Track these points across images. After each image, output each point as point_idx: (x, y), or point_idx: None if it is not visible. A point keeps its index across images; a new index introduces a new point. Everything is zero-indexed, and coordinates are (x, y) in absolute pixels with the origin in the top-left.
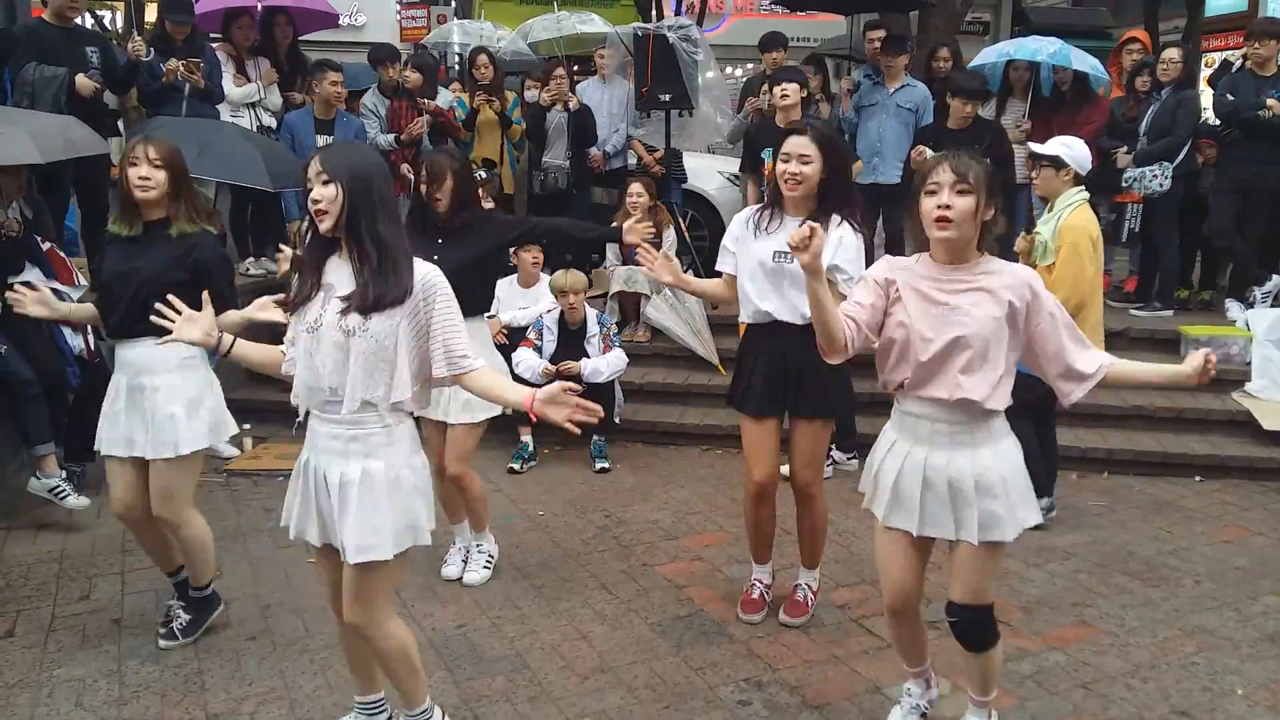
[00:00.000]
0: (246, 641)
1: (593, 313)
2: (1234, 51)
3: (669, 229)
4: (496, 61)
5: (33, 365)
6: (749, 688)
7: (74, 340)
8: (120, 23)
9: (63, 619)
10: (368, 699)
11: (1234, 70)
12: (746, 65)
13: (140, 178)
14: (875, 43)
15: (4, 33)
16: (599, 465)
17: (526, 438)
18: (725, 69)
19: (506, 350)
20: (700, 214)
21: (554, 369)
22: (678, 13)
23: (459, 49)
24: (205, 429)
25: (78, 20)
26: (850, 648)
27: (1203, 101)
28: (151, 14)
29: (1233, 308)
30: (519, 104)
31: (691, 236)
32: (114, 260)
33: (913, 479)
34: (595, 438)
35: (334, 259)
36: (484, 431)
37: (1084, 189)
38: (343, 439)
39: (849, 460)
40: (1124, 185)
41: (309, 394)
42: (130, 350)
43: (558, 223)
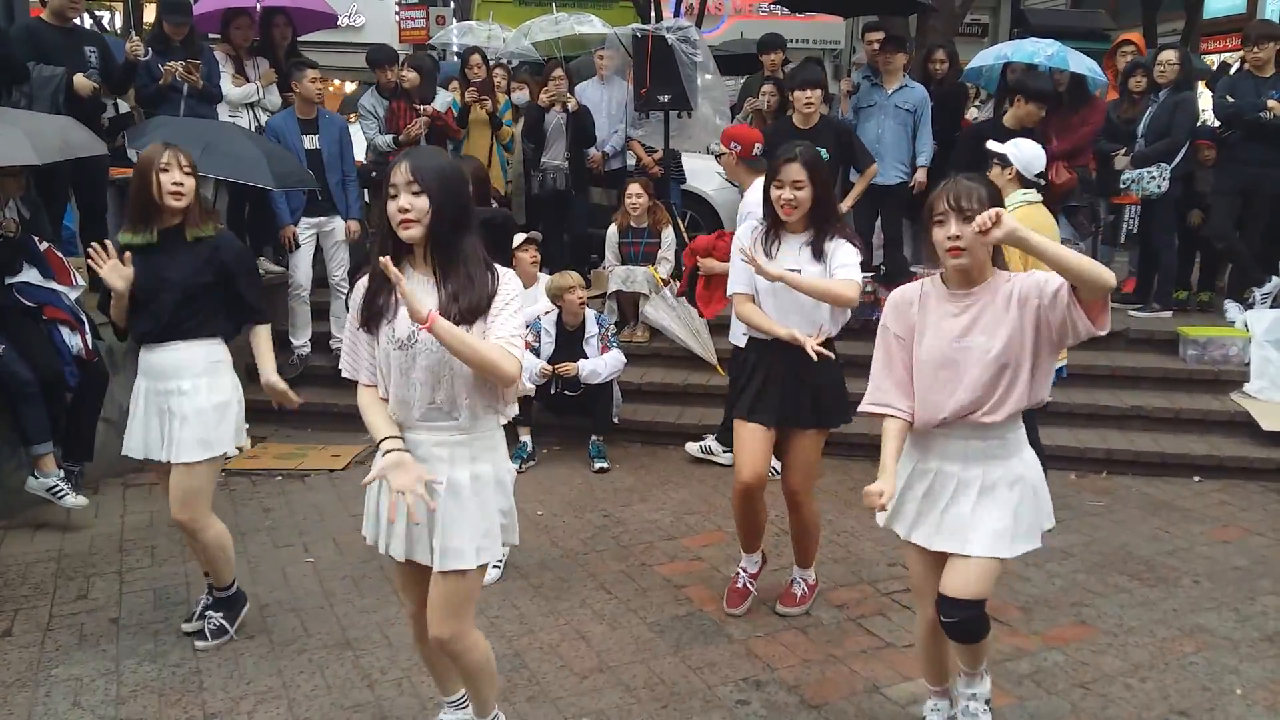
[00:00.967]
0: (244, 641)
1: (591, 313)
2: (1232, 54)
3: (668, 229)
4: (489, 61)
5: (31, 365)
6: (747, 687)
7: (72, 340)
8: (119, 23)
9: (60, 618)
10: (454, 697)
11: (1233, 72)
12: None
13: (174, 184)
14: (874, 44)
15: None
16: (597, 465)
17: (525, 438)
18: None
19: None
20: (699, 214)
21: (551, 369)
22: (676, 14)
23: (458, 49)
24: (230, 432)
25: (76, 20)
26: (848, 647)
27: (1201, 103)
28: (150, 14)
29: (1231, 309)
30: (510, 106)
31: (690, 237)
32: (140, 272)
33: (941, 494)
34: (594, 438)
35: (406, 269)
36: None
37: (1034, 191)
38: (448, 445)
39: (724, 454)
40: (1122, 187)
41: (404, 409)
42: (158, 355)
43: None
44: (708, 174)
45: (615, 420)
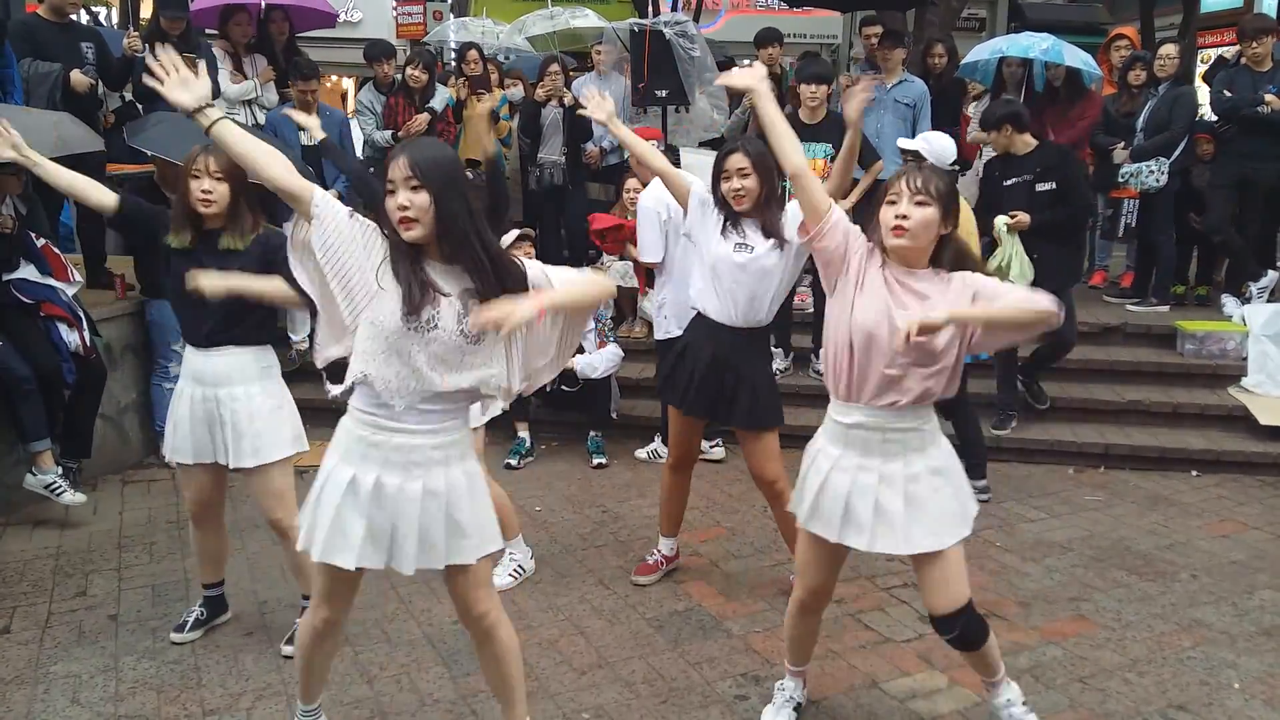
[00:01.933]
0: (243, 637)
1: None
2: (1229, 48)
3: None
4: (486, 57)
5: (29, 361)
6: (746, 682)
7: (70, 337)
8: (115, 18)
9: (59, 615)
10: (312, 705)
11: (1230, 65)
12: (743, 62)
13: (203, 191)
14: (872, 39)
15: None
16: (596, 461)
17: (523, 433)
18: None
19: None
20: None
21: None
22: (674, 9)
23: (455, 45)
24: (289, 435)
25: (73, 16)
26: (846, 642)
27: (1199, 97)
28: (146, 9)
29: (1229, 303)
30: (507, 101)
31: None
32: (177, 275)
33: (862, 495)
34: (592, 433)
35: (426, 261)
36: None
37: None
38: (443, 447)
39: (712, 449)
40: (1120, 181)
41: (407, 393)
42: (211, 360)
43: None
44: (705, 169)
45: (614, 415)
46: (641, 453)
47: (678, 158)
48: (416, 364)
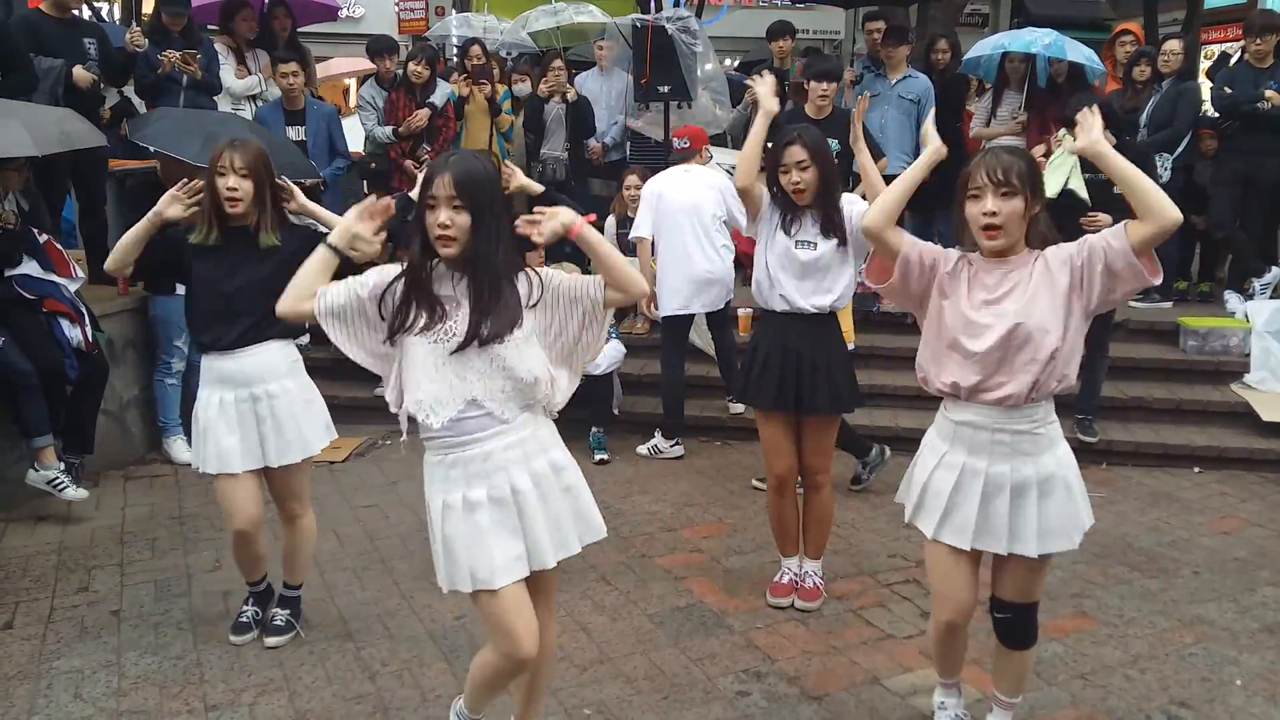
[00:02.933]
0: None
1: None
2: (1233, 44)
3: None
4: (489, 53)
5: (30, 357)
6: (748, 678)
7: (72, 332)
8: (118, 14)
9: (61, 610)
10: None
11: (1232, 63)
12: (755, 74)
13: (229, 189)
14: (875, 34)
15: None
16: (598, 457)
17: None
18: (725, 60)
19: None
20: None
21: None
22: (676, 4)
23: (457, 41)
24: (322, 426)
25: (75, 11)
26: (849, 639)
27: (1203, 93)
28: (148, 5)
29: (1232, 299)
30: (510, 95)
31: None
32: (224, 273)
33: (970, 491)
34: (594, 429)
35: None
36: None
37: None
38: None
39: (672, 446)
40: None
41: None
42: (242, 360)
43: None
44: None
45: (615, 412)
46: (643, 449)
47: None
48: (447, 376)
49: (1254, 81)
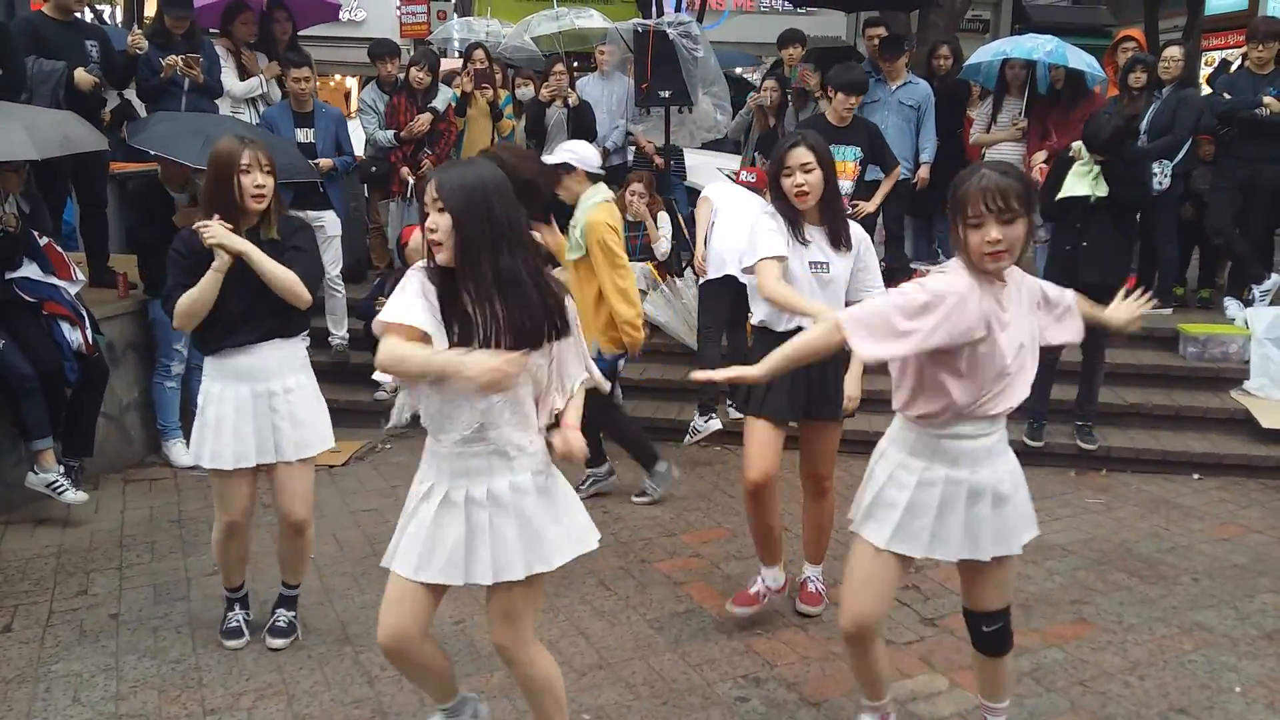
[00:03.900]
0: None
1: None
2: (1234, 51)
3: (662, 213)
4: (492, 57)
5: (31, 360)
6: (747, 684)
7: (72, 335)
8: (119, 17)
9: (60, 614)
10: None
11: (1233, 70)
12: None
13: (256, 186)
14: (875, 40)
15: None
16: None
17: None
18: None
19: None
20: None
21: None
22: (678, 9)
23: (459, 45)
24: (327, 426)
25: (77, 14)
26: None
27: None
28: (150, 8)
29: (1231, 306)
30: (512, 99)
31: (690, 233)
32: (243, 271)
33: (952, 503)
34: None
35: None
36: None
37: (604, 185)
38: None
39: (708, 422)
40: None
41: (450, 425)
42: (262, 354)
43: None
44: (708, 169)
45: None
46: (687, 441)
47: (681, 158)
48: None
49: (1253, 88)
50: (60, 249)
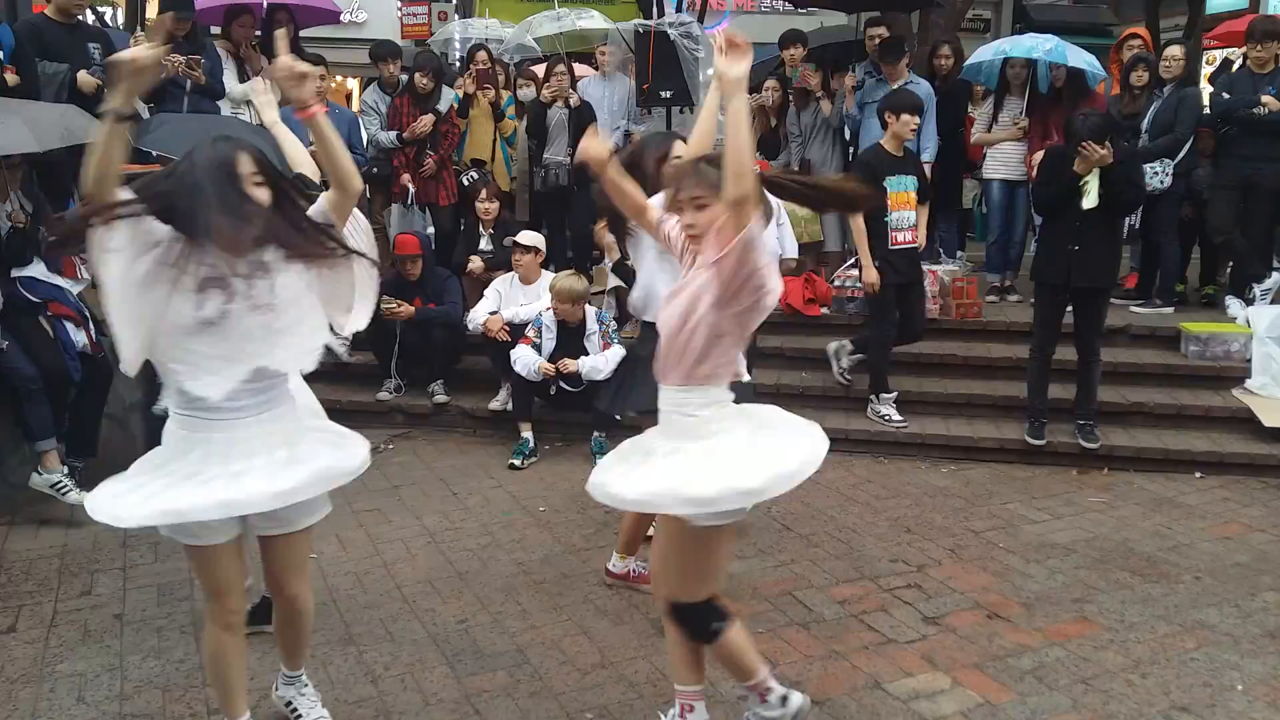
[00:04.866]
0: (246, 637)
1: (592, 310)
2: (1234, 50)
3: None
4: (495, 58)
5: (34, 361)
6: None
7: (76, 335)
8: (122, 19)
9: (64, 614)
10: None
11: (1234, 68)
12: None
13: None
14: (875, 40)
15: None
16: (600, 461)
17: (527, 434)
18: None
19: (506, 347)
20: None
21: (552, 367)
22: (679, 9)
23: (460, 46)
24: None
25: (80, 16)
26: (850, 643)
27: (1204, 99)
28: (153, 10)
29: (1233, 304)
30: (513, 100)
31: None
32: None
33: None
34: (596, 434)
35: None
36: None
37: None
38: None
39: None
40: None
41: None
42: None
43: None
44: None
45: (617, 417)
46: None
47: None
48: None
49: (1253, 87)
50: None
